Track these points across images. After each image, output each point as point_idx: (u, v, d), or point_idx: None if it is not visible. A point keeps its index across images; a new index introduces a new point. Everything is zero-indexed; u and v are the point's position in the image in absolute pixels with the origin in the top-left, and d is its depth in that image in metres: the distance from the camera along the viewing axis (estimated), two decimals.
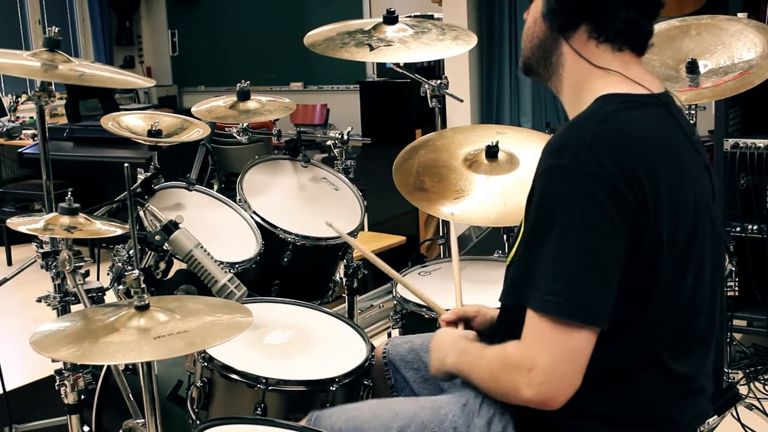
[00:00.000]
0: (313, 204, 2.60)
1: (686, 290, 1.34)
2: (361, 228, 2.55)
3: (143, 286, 1.39)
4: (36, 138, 5.24)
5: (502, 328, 1.48)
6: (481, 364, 1.40)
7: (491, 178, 2.26)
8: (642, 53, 1.41)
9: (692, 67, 2.39)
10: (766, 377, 3.13)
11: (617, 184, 1.24)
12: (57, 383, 2.08)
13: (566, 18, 1.38)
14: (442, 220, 2.86)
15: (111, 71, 2.20)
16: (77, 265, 2.00)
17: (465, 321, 1.67)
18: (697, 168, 1.38)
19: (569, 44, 1.40)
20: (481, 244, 3.79)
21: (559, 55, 1.42)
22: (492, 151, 2.27)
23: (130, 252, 2.15)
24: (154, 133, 2.37)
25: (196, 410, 1.75)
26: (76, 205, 1.94)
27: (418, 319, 2.06)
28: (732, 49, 2.40)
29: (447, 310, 1.76)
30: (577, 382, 1.25)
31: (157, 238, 1.92)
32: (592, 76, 1.39)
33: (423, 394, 1.73)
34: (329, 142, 2.78)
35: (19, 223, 1.93)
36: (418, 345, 1.76)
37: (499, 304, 1.48)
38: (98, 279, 2.14)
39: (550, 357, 1.25)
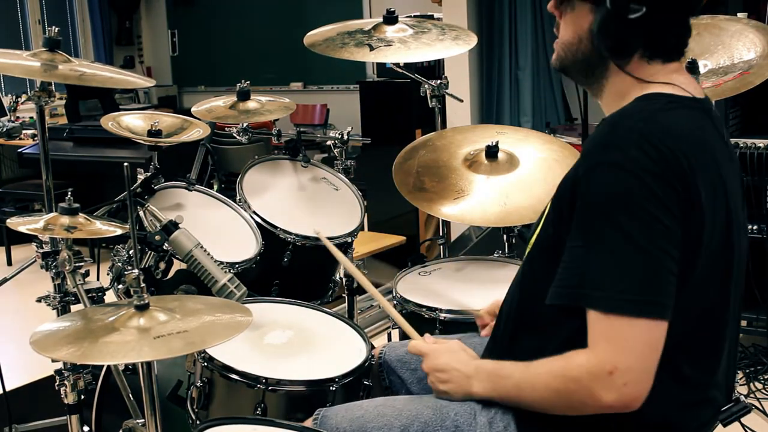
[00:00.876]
0: (313, 204, 2.60)
1: (713, 292, 1.34)
2: (361, 228, 2.55)
3: (143, 285, 1.39)
4: (36, 138, 5.24)
5: (516, 324, 1.43)
6: (536, 384, 1.32)
7: (491, 178, 2.26)
8: (683, 56, 1.40)
9: (692, 67, 2.39)
10: (766, 377, 3.13)
11: (668, 177, 1.22)
12: (57, 383, 2.08)
13: (621, 45, 1.35)
14: (442, 220, 2.86)
15: (111, 71, 2.20)
16: (77, 265, 2.00)
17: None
18: (732, 174, 1.37)
19: (618, 65, 1.37)
20: (481, 244, 3.80)
21: (604, 70, 1.40)
22: (492, 151, 2.27)
23: (130, 252, 2.15)
24: (154, 133, 2.37)
25: (196, 410, 1.75)
26: (76, 205, 1.94)
27: (418, 319, 2.06)
28: (732, 49, 2.40)
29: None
30: (653, 377, 1.24)
31: (157, 238, 1.92)
32: (639, 87, 1.37)
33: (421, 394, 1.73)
34: (329, 142, 2.78)
35: (19, 223, 1.93)
36: None
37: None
38: (98, 279, 2.14)
39: (632, 356, 1.22)
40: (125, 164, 1.50)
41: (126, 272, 1.48)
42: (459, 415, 1.42)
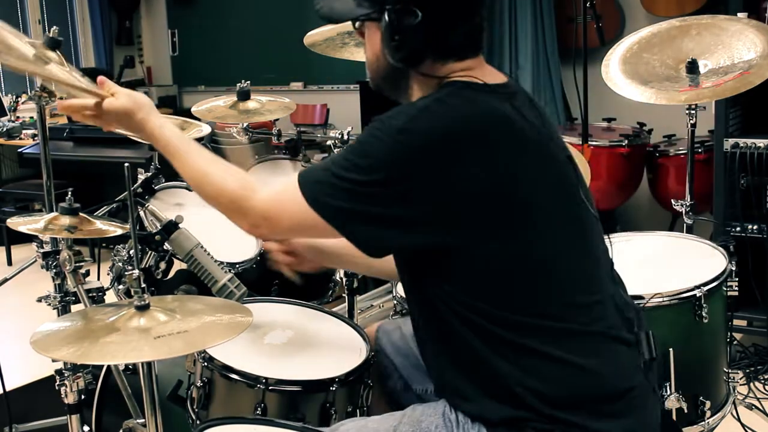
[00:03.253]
0: None
1: (555, 255, 1.39)
2: None
3: (143, 285, 1.39)
4: (36, 138, 5.25)
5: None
6: (212, 173, 1.55)
7: None
8: (481, 50, 1.47)
9: (692, 67, 2.39)
10: (766, 377, 3.13)
11: (432, 147, 1.32)
12: (57, 383, 2.08)
13: (408, 53, 1.42)
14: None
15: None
16: (77, 265, 2.00)
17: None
18: (544, 146, 1.41)
19: (416, 71, 1.45)
20: None
21: (407, 79, 1.48)
22: None
23: (130, 252, 2.15)
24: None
25: (196, 410, 1.75)
26: (77, 205, 1.94)
27: None
28: (732, 49, 2.40)
29: None
30: (280, 231, 1.54)
31: (157, 238, 1.92)
32: (435, 82, 1.44)
33: (412, 381, 1.76)
34: (329, 142, 2.77)
35: (19, 223, 1.93)
36: (407, 332, 1.77)
37: None
38: (98, 279, 2.14)
39: (284, 220, 1.49)
40: (126, 164, 1.50)
41: (126, 272, 1.48)
42: (440, 428, 1.43)
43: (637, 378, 1.43)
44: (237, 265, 2.23)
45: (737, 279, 2.11)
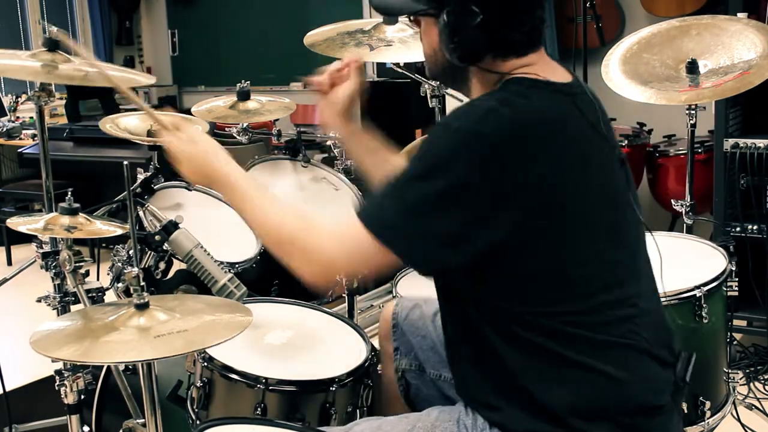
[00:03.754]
0: (313, 204, 2.60)
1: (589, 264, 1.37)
2: None
3: (143, 284, 1.39)
4: (36, 138, 5.24)
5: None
6: (276, 214, 1.44)
7: None
8: (542, 44, 1.44)
9: (692, 67, 2.39)
10: (766, 377, 3.13)
11: (504, 150, 1.28)
12: (57, 383, 2.08)
13: (468, 53, 1.39)
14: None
15: (112, 69, 2.19)
16: (77, 265, 2.00)
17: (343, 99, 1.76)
18: (593, 146, 1.40)
19: (477, 66, 1.42)
20: None
21: (467, 72, 1.45)
22: None
23: (130, 252, 2.15)
24: (153, 133, 2.37)
25: (196, 410, 1.75)
26: (76, 205, 1.94)
27: None
28: (732, 49, 2.40)
29: None
30: (341, 279, 1.37)
31: (157, 238, 1.92)
32: (497, 77, 1.42)
33: (426, 364, 1.75)
34: (329, 142, 2.78)
35: (19, 223, 1.93)
36: (427, 313, 1.77)
37: None
38: (98, 279, 2.14)
39: (345, 259, 1.35)
40: (125, 163, 1.50)
41: (126, 271, 1.48)
42: None
43: (666, 398, 1.42)
44: (237, 265, 2.24)
45: (737, 279, 2.11)
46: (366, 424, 1.49)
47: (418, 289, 2.18)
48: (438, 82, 1.67)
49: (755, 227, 3.22)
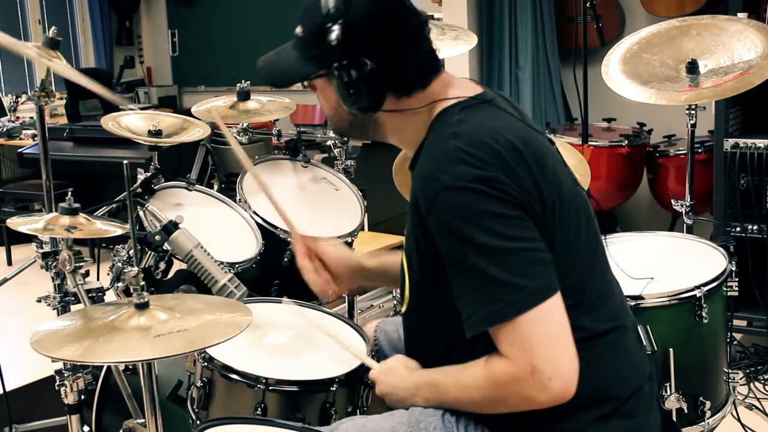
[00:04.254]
0: (313, 204, 2.60)
1: (579, 246, 1.38)
2: (361, 228, 2.55)
3: (142, 283, 1.39)
4: (36, 138, 5.23)
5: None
6: (471, 397, 1.36)
7: None
8: (441, 67, 1.45)
9: (692, 67, 2.39)
10: (766, 377, 3.13)
11: (501, 178, 1.27)
12: (57, 383, 2.08)
13: (368, 101, 1.39)
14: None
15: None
16: (77, 265, 2.00)
17: (330, 264, 1.72)
18: (543, 143, 1.42)
19: (382, 111, 1.42)
20: None
21: (375, 121, 1.45)
22: None
23: (130, 252, 2.15)
24: (154, 133, 2.37)
25: (196, 410, 1.75)
26: (76, 205, 1.94)
27: None
28: (732, 49, 2.40)
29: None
30: (575, 357, 1.26)
31: (157, 238, 1.92)
32: (421, 115, 1.42)
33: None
34: (329, 142, 2.78)
35: (19, 223, 1.93)
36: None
37: None
38: (98, 279, 2.14)
39: (544, 349, 1.25)
40: (125, 162, 1.50)
41: (126, 271, 1.48)
42: (438, 429, 1.42)
43: (646, 375, 1.45)
44: (237, 265, 2.23)
45: (737, 279, 2.11)
46: (350, 423, 1.51)
47: None
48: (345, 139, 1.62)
49: (755, 227, 3.22)
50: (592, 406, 1.36)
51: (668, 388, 1.93)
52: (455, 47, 2.55)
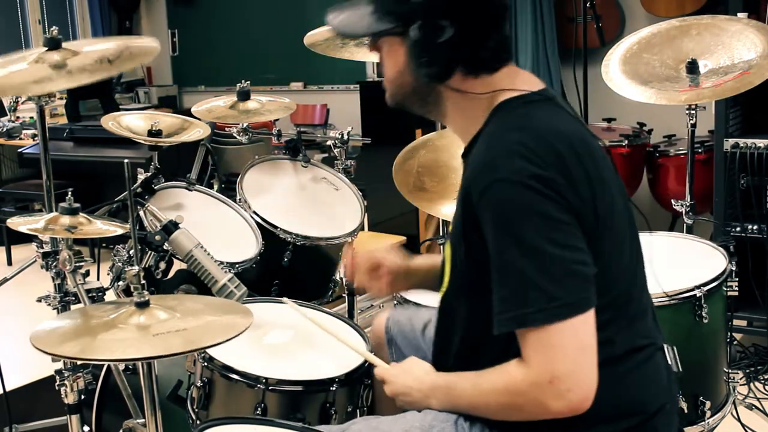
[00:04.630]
0: (313, 204, 2.60)
1: (624, 259, 1.37)
2: (361, 228, 2.55)
3: (143, 282, 1.39)
4: (36, 138, 5.23)
5: (464, 363, 1.44)
6: (487, 402, 1.35)
7: None
8: (511, 57, 1.42)
9: (692, 67, 2.39)
10: (766, 377, 3.13)
11: (554, 176, 1.25)
12: (57, 383, 2.08)
13: (438, 69, 1.36)
14: (442, 220, 2.86)
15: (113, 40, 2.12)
16: (77, 265, 2.00)
17: (377, 268, 1.70)
18: (599, 149, 1.40)
19: (447, 86, 1.39)
20: None
21: (436, 96, 1.42)
22: None
23: (130, 252, 2.15)
24: (154, 133, 2.37)
25: (196, 410, 1.75)
26: (76, 205, 1.93)
27: None
28: (732, 49, 2.40)
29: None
30: (596, 373, 1.25)
31: (157, 238, 1.92)
32: (484, 102, 1.39)
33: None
34: (329, 142, 2.78)
35: (19, 223, 1.93)
36: (417, 326, 1.77)
37: None
38: (98, 279, 2.14)
39: (567, 361, 1.24)
40: (125, 162, 1.49)
41: (126, 270, 1.48)
42: None
43: (671, 393, 1.45)
44: (237, 265, 2.23)
45: (737, 279, 2.11)
46: (363, 424, 1.50)
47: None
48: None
49: (755, 227, 3.22)
50: (617, 419, 1.35)
51: None
52: None
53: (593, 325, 1.26)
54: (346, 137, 2.73)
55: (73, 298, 2.10)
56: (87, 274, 2.03)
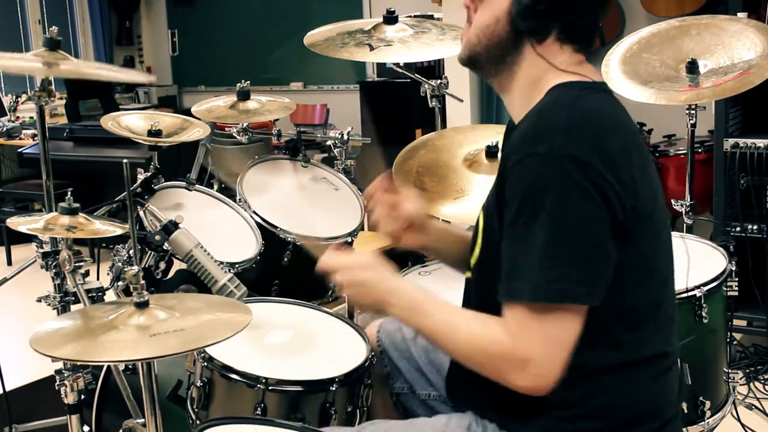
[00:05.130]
0: (313, 204, 2.60)
1: (660, 262, 1.37)
2: (361, 228, 2.55)
3: (142, 282, 1.39)
4: (36, 138, 5.24)
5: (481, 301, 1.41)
6: (454, 339, 1.32)
7: (491, 178, 2.25)
8: (591, 47, 1.41)
9: (692, 67, 2.39)
10: (766, 377, 3.13)
11: (595, 164, 1.23)
12: (57, 383, 2.08)
13: (538, 22, 1.35)
14: (443, 220, 2.86)
15: (110, 69, 2.19)
16: (77, 264, 2.00)
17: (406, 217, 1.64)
18: (645, 147, 1.41)
19: (534, 47, 1.37)
20: None
21: (517, 55, 1.38)
22: (492, 151, 2.27)
23: (130, 252, 2.15)
24: (154, 133, 2.37)
25: (196, 410, 1.75)
26: (76, 205, 1.93)
27: None
28: (732, 49, 2.40)
29: None
30: (563, 366, 1.24)
31: (157, 238, 1.92)
32: (549, 75, 1.37)
33: (416, 386, 1.73)
34: (329, 142, 2.78)
35: (19, 223, 1.93)
36: (408, 335, 1.77)
37: None
38: (98, 279, 2.13)
39: (545, 345, 1.23)
40: (125, 162, 1.49)
41: (126, 270, 1.48)
42: None
43: (680, 403, 1.48)
44: (237, 265, 2.23)
45: (737, 279, 2.11)
46: (374, 428, 1.49)
47: None
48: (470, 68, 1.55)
49: (755, 227, 3.22)
50: (637, 423, 1.35)
51: None
52: (455, 47, 2.54)
53: (583, 320, 1.24)
54: (346, 137, 2.73)
55: (73, 298, 2.10)
56: (87, 274, 2.03)
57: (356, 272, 1.43)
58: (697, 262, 2.17)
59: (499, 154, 1.38)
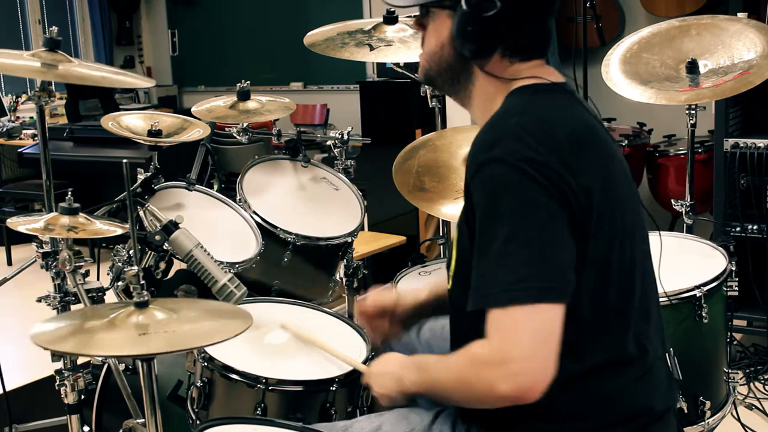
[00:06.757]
0: (313, 204, 2.60)
1: (624, 260, 1.35)
2: (361, 228, 2.55)
3: (142, 282, 1.39)
4: (36, 138, 5.24)
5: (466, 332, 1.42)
6: (448, 372, 1.35)
7: None
8: (546, 54, 1.44)
9: (692, 67, 2.39)
10: (766, 377, 3.13)
11: (551, 164, 1.25)
12: (57, 383, 2.08)
13: (480, 45, 1.38)
14: (442, 220, 2.86)
15: (110, 71, 2.20)
16: (77, 265, 2.00)
17: (386, 313, 1.71)
18: (611, 145, 1.40)
19: (481, 68, 1.41)
20: None
21: (469, 75, 1.43)
22: None
23: (130, 252, 2.15)
24: (154, 133, 2.37)
25: (196, 410, 1.75)
26: (76, 205, 1.93)
27: None
28: (732, 49, 2.40)
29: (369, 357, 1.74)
30: (553, 367, 1.23)
31: (157, 238, 1.92)
32: (504, 87, 1.40)
33: None
34: (329, 142, 2.77)
35: (19, 223, 1.93)
36: (412, 333, 1.78)
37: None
38: (98, 279, 2.13)
39: (522, 344, 1.22)
40: (125, 162, 1.49)
41: (126, 270, 1.48)
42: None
43: (671, 399, 1.45)
44: (237, 265, 2.23)
45: (737, 279, 2.11)
46: (366, 422, 1.50)
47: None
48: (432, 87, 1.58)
49: (755, 227, 3.22)
50: (625, 422, 1.36)
51: None
52: None
53: (561, 318, 1.24)
54: (346, 137, 2.72)
55: (73, 298, 2.10)
56: (87, 274, 2.03)
57: (379, 383, 1.51)
58: (697, 262, 2.17)
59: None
